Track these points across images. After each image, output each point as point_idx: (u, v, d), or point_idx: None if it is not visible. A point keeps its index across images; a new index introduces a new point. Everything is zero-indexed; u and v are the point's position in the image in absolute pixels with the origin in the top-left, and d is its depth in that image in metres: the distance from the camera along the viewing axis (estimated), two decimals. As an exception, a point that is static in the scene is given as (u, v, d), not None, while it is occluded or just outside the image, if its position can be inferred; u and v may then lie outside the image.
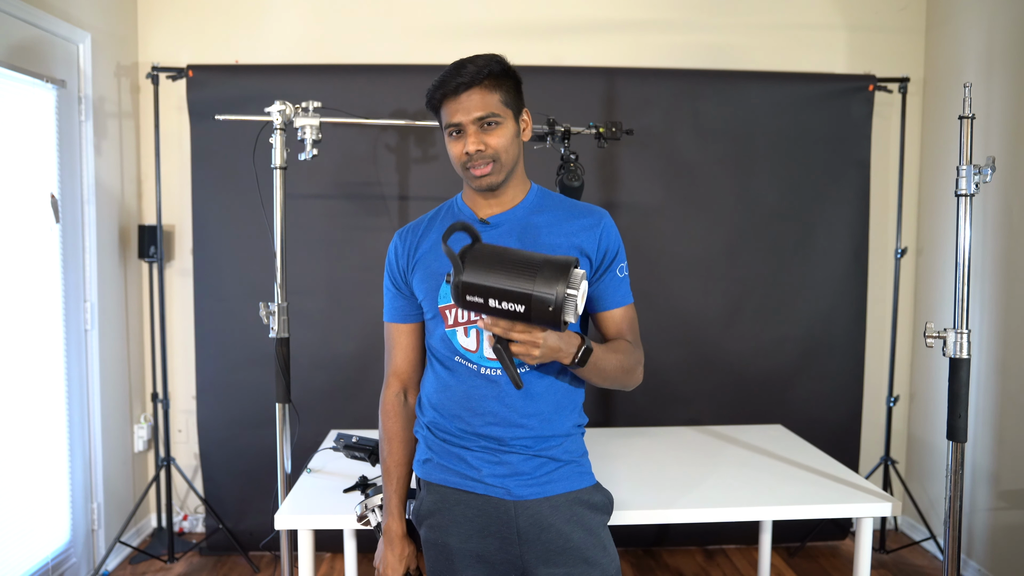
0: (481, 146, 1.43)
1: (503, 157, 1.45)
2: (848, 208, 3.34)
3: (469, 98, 1.42)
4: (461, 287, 1.28)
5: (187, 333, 3.37)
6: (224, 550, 3.27)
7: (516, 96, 1.48)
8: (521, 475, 1.47)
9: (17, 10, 2.56)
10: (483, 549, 1.48)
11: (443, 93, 1.44)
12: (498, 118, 1.44)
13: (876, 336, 3.49)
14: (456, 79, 1.42)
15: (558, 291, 1.23)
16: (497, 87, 1.44)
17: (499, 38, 3.34)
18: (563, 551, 1.46)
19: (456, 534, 1.48)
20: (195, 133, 3.19)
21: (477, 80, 1.42)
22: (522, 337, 1.31)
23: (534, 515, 1.46)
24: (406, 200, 3.22)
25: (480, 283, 1.26)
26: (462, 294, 1.28)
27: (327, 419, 2.98)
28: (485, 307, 1.28)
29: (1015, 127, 2.86)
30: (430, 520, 1.52)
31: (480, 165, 1.44)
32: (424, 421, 1.56)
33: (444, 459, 1.51)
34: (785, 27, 3.43)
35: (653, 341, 3.25)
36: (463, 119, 1.43)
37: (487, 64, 1.43)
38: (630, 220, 3.27)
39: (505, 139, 1.45)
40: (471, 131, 1.43)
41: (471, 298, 1.28)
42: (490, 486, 1.47)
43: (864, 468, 3.48)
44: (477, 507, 1.48)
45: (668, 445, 2.39)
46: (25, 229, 2.68)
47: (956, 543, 1.84)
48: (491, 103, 1.43)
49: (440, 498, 1.51)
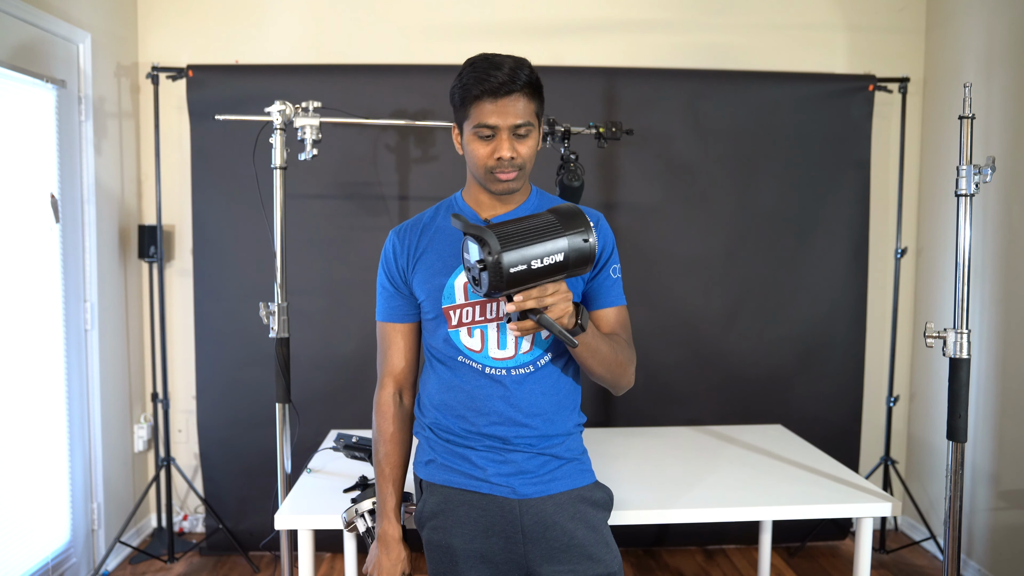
0: (514, 153, 1.41)
1: (528, 166, 1.45)
2: (848, 208, 3.34)
3: (513, 103, 1.39)
4: (503, 262, 1.26)
5: (187, 333, 3.37)
6: (224, 550, 3.27)
7: (542, 106, 1.47)
8: (526, 473, 1.47)
9: (17, 10, 2.56)
10: (487, 549, 1.47)
11: (483, 90, 1.38)
12: (531, 128, 1.42)
13: (876, 336, 3.49)
14: (499, 78, 1.37)
15: (585, 227, 1.32)
16: (534, 96, 1.43)
17: (499, 38, 3.34)
18: (567, 548, 1.46)
19: (460, 535, 1.48)
20: (195, 133, 3.19)
21: (518, 85, 1.38)
22: (555, 297, 1.31)
23: (538, 513, 1.46)
24: (406, 200, 3.22)
25: (518, 249, 1.27)
26: (505, 268, 1.26)
27: (327, 419, 2.97)
28: (528, 272, 1.28)
29: (1015, 127, 2.86)
30: (433, 522, 1.51)
31: (508, 171, 1.42)
32: (426, 422, 1.55)
33: (448, 459, 1.50)
34: (785, 27, 3.43)
35: (653, 341, 3.27)
36: (500, 123, 1.39)
37: (527, 70, 1.40)
38: (630, 220, 3.27)
39: (533, 149, 1.45)
40: (505, 136, 1.40)
41: (514, 269, 1.26)
42: (495, 485, 1.47)
43: (864, 468, 3.48)
44: (482, 507, 1.47)
45: (668, 445, 2.39)
46: (25, 229, 2.67)
47: (956, 543, 1.84)
48: (529, 112, 1.41)
49: (443, 499, 1.50)
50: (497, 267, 1.26)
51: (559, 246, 1.30)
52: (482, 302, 1.47)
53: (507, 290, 1.28)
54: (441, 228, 1.52)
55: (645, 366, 3.40)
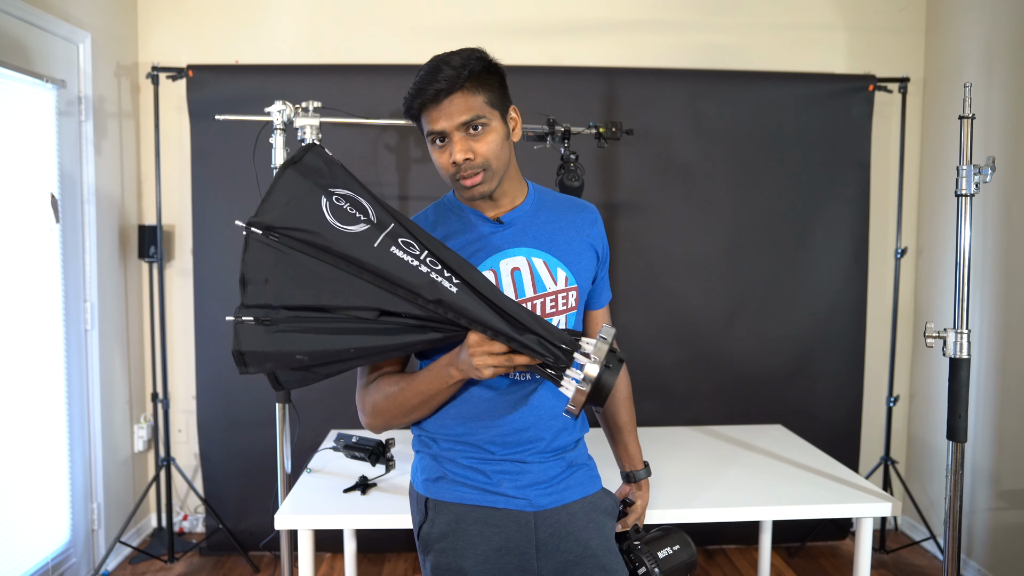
0: (469, 154, 1.32)
1: (494, 164, 1.34)
2: (848, 208, 3.34)
3: (451, 103, 1.31)
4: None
5: (187, 333, 3.37)
6: (224, 550, 3.27)
7: (502, 94, 1.37)
8: (540, 484, 1.41)
9: (17, 10, 2.56)
10: (500, 571, 1.38)
11: (421, 102, 1.32)
12: (484, 120, 1.32)
13: (876, 336, 3.49)
14: (434, 85, 1.30)
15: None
16: (480, 87, 1.33)
17: (499, 38, 3.34)
18: (581, 560, 1.41)
19: (472, 556, 1.38)
20: (195, 133, 3.19)
21: (457, 84, 1.30)
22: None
23: (553, 525, 1.41)
24: (406, 200, 3.22)
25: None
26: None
27: (327, 419, 2.98)
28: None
29: (1015, 127, 2.86)
30: (441, 544, 1.40)
31: (470, 175, 1.33)
32: (432, 436, 1.45)
33: (460, 474, 1.41)
34: (785, 27, 3.43)
35: (653, 341, 3.27)
36: (446, 126, 1.31)
37: (466, 63, 1.31)
38: (630, 220, 3.27)
39: (494, 144, 1.34)
40: (457, 138, 1.32)
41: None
42: (511, 498, 1.39)
43: (864, 468, 3.48)
44: (496, 523, 1.39)
45: (668, 445, 2.39)
46: (25, 229, 2.67)
47: (956, 543, 1.84)
48: (475, 105, 1.32)
49: (455, 518, 1.40)
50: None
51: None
52: None
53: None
54: (445, 232, 1.44)
55: (645, 366, 3.43)
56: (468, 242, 1.42)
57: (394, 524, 1.86)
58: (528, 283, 1.40)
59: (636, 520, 1.60)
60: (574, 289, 1.43)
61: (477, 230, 1.42)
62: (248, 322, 1.24)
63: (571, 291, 1.43)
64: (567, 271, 1.43)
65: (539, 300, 1.40)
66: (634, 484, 1.66)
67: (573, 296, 1.43)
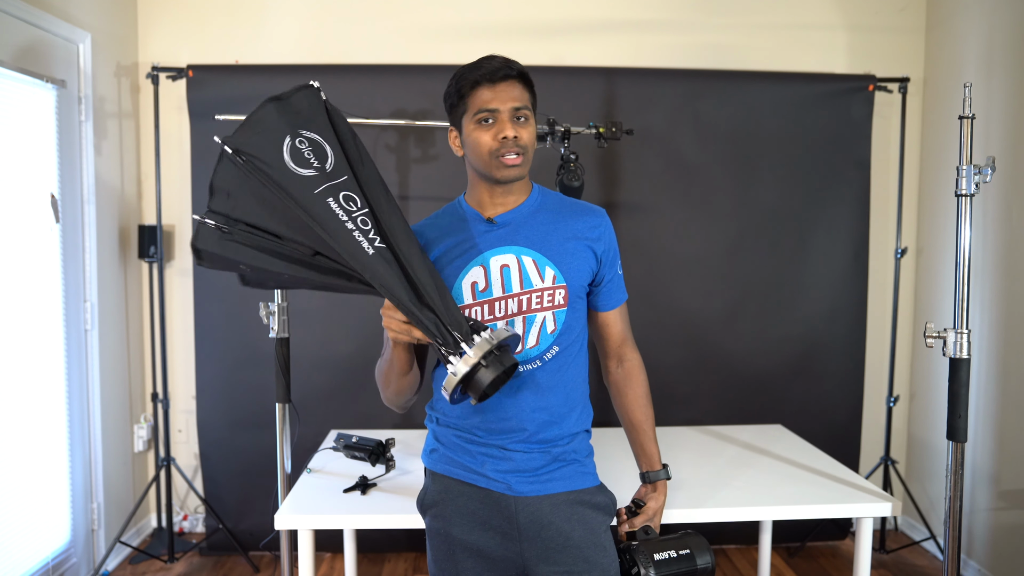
0: (517, 134, 1.43)
1: (530, 152, 1.47)
2: (848, 208, 3.34)
3: (509, 87, 1.43)
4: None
5: (187, 333, 3.37)
6: (224, 550, 3.27)
7: (535, 104, 1.51)
8: (522, 472, 1.47)
9: (17, 10, 2.57)
10: (484, 544, 1.48)
11: (480, 76, 1.43)
12: (528, 112, 1.46)
13: (876, 336, 3.49)
14: (494, 64, 1.43)
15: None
16: (526, 86, 1.47)
17: (499, 38, 3.34)
18: (563, 549, 1.46)
19: (459, 524, 1.49)
20: (195, 133, 3.19)
21: (512, 73, 1.44)
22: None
23: (534, 512, 1.46)
24: (406, 200, 3.22)
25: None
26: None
27: (327, 419, 2.98)
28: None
29: (1015, 127, 2.86)
30: (434, 509, 1.53)
31: (513, 153, 1.43)
32: (435, 415, 1.57)
33: (450, 451, 1.52)
34: (785, 27, 3.43)
35: (653, 341, 3.27)
36: (501, 106, 1.42)
37: (515, 63, 1.45)
38: (630, 220, 3.27)
39: (533, 136, 1.47)
40: (507, 118, 1.43)
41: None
42: (492, 480, 1.47)
43: (864, 468, 3.48)
44: (479, 499, 1.48)
45: (668, 445, 2.39)
46: (25, 229, 2.68)
47: (956, 543, 1.84)
48: (524, 98, 1.45)
49: (444, 488, 1.51)
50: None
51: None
52: (490, 301, 1.47)
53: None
54: (448, 234, 1.52)
55: (645, 366, 3.41)
56: (463, 239, 1.50)
57: (394, 524, 1.86)
58: (516, 279, 1.47)
59: (646, 522, 1.60)
60: (562, 287, 1.49)
61: (472, 229, 1.51)
62: (209, 225, 1.37)
63: (559, 289, 1.48)
64: (556, 270, 1.48)
65: (525, 296, 1.47)
66: (649, 485, 1.66)
67: (561, 294, 1.49)
